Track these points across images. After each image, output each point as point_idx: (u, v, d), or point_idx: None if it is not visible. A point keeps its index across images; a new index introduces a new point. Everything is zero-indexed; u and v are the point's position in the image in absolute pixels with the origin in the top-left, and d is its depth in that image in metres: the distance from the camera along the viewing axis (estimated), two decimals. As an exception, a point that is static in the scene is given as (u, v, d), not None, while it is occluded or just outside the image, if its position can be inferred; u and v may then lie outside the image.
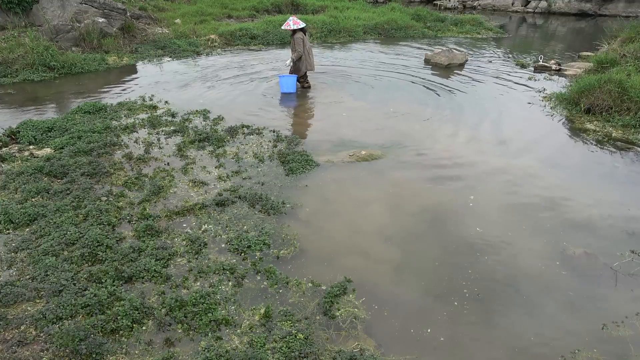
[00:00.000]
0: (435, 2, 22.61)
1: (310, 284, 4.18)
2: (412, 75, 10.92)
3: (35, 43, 10.72)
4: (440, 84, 10.37)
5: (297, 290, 4.12)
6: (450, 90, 9.88)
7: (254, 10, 17.60)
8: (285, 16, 16.20)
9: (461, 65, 11.75)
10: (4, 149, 6.55)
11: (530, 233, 5.02)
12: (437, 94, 9.62)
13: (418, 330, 3.74)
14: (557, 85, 10.31)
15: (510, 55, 13.23)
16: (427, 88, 10.03)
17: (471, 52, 13.26)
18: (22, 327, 3.64)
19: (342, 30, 15.28)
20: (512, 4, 22.00)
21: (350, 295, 4.06)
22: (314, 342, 3.56)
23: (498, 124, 7.97)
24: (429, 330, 3.73)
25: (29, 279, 4.14)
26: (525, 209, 5.45)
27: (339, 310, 3.89)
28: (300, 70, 9.32)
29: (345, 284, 4.15)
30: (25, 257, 4.43)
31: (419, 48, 13.86)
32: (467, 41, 15.06)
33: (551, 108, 8.78)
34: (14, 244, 4.60)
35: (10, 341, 3.51)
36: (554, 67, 11.38)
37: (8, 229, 4.83)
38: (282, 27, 9.22)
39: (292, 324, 3.73)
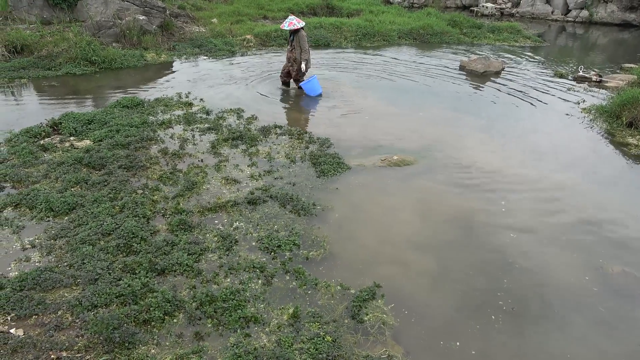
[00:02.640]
0: (472, 8, 22.30)
1: (339, 287, 4.18)
2: (446, 82, 10.80)
3: (79, 38, 11.06)
4: (475, 91, 10.22)
5: (326, 292, 4.12)
6: (484, 98, 9.73)
7: (289, 12, 17.73)
8: (320, 19, 16.26)
9: (497, 73, 11.55)
10: (46, 139, 6.78)
11: (565, 246, 4.89)
12: (471, 102, 9.48)
13: (448, 342, 3.68)
14: (597, 97, 10.02)
15: (549, 65, 12.94)
16: (461, 95, 9.90)
17: (508, 60, 13.03)
18: (59, 312, 3.76)
19: (376, 34, 15.23)
20: (552, 12, 21.50)
21: (379, 301, 4.03)
22: (341, 346, 3.56)
23: (533, 135, 7.79)
24: (458, 343, 3.68)
25: (67, 266, 4.27)
26: (559, 222, 5.32)
27: (367, 315, 3.87)
28: (307, 68, 9.26)
29: (375, 289, 4.13)
30: (63, 244, 4.57)
31: (454, 54, 13.70)
32: (504, 49, 14.80)
33: (590, 120, 8.54)
34: (53, 232, 4.76)
35: (47, 325, 3.62)
36: (594, 78, 11.07)
37: (48, 217, 5.00)
38: (286, 27, 8.82)
39: (320, 326, 3.73)
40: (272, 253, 4.59)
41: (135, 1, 13.14)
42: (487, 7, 21.78)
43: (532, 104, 9.42)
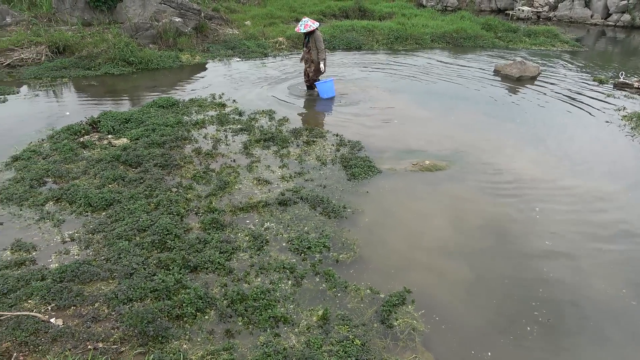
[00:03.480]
0: (507, 11, 21.89)
1: (368, 291, 4.17)
2: (480, 86, 10.63)
3: (117, 39, 11.40)
4: (509, 96, 10.02)
5: (356, 295, 4.12)
6: (519, 103, 9.53)
7: (322, 15, 17.78)
8: (352, 21, 16.25)
9: (533, 78, 11.29)
10: (86, 137, 7.01)
11: (603, 258, 4.75)
12: (506, 107, 9.31)
13: (480, 352, 3.63)
14: (639, 104, 9.67)
15: (587, 70, 12.57)
16: (495, 100, 9.72)
17: (544, 65, 12.73)
18: (96, 305, 3.88)
19: (409, 38, 15.12)
20: (591, 16, 20.90)
21: (409, 306, 4.00)
22: (370, 350, 3.55)
23: (570, 142, 7.58)
24: (489, 354, 3.61)
25: (104, 260, 4.40)
26: (597, 232, 5.16)
27: (397, 320, 3.85)
28: (323, 69, 9.24)
29: (405, 294, 4.10)
30: (101, 239, 4.72)
31: (488, 58, 13.47)
32: (540, 53, 14.46)
33: (632, 129, 8.25)
34: (91, 226, 4.91)
35: (85, 316, 3.75)
36: (636, 84, 10.69)
37: (87, 212, 5.17)
38: (303, 30, 8.83)
39: (349, 329, 3.73)
40: (302, 254, 4.61)
41: (172, 3, 13.45)
42: (523, 11, 21.35)
43: (569, 110, 9.18)
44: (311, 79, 9.40)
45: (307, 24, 8.84)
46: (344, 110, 8.71)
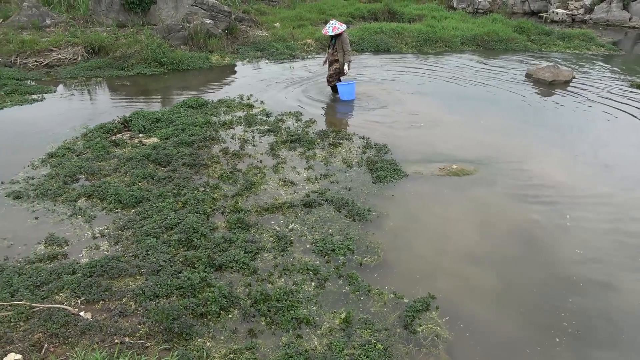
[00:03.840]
0: (541, 14, 21.40)
1: (392, 295, 4.14)
2: (511, 90, 10.42)
3: (150, 40, 11.66)
4: (541, 100, 9.79)
5: (379, 299, 4.09)
6: (551, 108, 9.29)
7: (351, 17, 17.76)
8: (381, 24, 16.19)
9: (567, 83, 11.00)
10: (117, 135, 7.19)
11: (635, 268, 4.58)
12: (537, 111, 9.09)
13: None
14: (678, 110, 9.29)
15: (624, 75, 12.16)
16: (526, 104, 9.51)
17: (579, 69, 12.38)
18: (124, 300, 3.97)
19: (438, 40, 14.95)
20: (630, 19, 20.22)
21: (433, 313, 3.95)
22: (392, 355, 3.52)
23: (604, 149, 7.35)
24: (516, 361, 3.53)
25: (132, 256, 4.50)
26: (630, 241, 4.99)
27: (420, 326, 3.81)
28: (346, 71, 9.19)
29: (429, 300, 4.05)
30: (130, 235, 4.83)
31: (520, 62, 13.20)
32: (574, 57, 14.08)
33: (670, 136, 7.94)
34: (121, 223, 5.04)
35: (113, 311, 3.84)
36: (676, 90, 10.27)
37: (117, 209, 5.30)
38: (331, 32, 8.76)
39: (371, 333, 3.71)
40: (326, 256, 4.61)
41: (203, 6, 13.68)
42: (557, 13, 20.83)
43: (604, 116, 8.90)
44: (334, 80, 9.36)
45: (335, 27, 8.82)
46: (372, 113, 8.67)
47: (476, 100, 9.64)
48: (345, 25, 8.98)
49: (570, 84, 10.98)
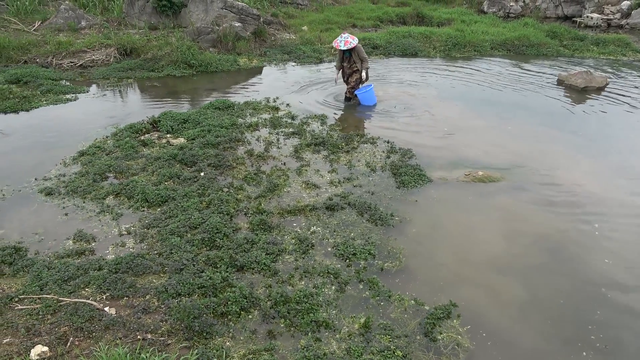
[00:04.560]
0: (574, 19, 20.88)
1: (412, 302, 4.09)
2: (541, 96, 10.18)
3: (180, 42, 11.90)
4: (573, 107, 9.54)
5: (399, 305, 4.05)
6: (583, 115, 9.05)
7: (379, 21, 17.70)
8: (409, 28, 16.08)
9: (600, 90, 10.68)
10: (146, 135, 7.36)
11: (671, 286, 4.40)
12: (568, 118, 8.86)
13: (527, 372, 3.46)
14: None
15: (662, 82, 11.74)
16: (557, 110, 9.28)
17: (613, 76, 12.02)
18: (147, 297, 4.05)
19: (467, 45, 14.75)
20: (669, 24, 19.51)
21: (455, 321, 3.89)
22: (412, 362, 3.47)
23: (636, 158, 7.10)
24: (539, 374, 3.44)
25: (157, 254, 4.59)
26: (667, 257, 4.80)
27: (441, 334, 3.75)
28: (365, 78, 9.10)
29: (450, 308, 3.99)
30: (155, 234, 4.92)
31: (551, 67, 12.90)
32: (608, 63, 13.68)
33: None
34: (147, 221, 5.14)
35: (136, 307, 3.92)
36: None
37: (143, 207, 5.41)
38: (343, 47, 8.59)
39: (391, 339, 3.67)
40: (347, 260, 4.60)
41: (233, 9, 13.87)
42: (592, 18, 20.29)
43: (638, 125, 8.60)
44: (353, 88, 9.23)
45: (347, 41, 8.62)
46: (397, 117, 8.62)
47: (504, 105, 9.47)
48: (356, 39, 8.76)
49: (604, 90, 10.67)
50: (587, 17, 20.62)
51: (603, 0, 21.13)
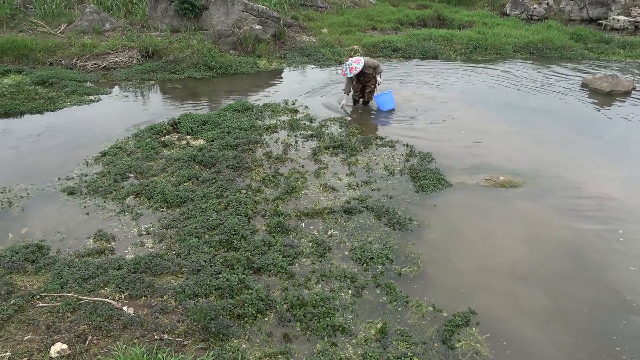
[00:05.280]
0: (600, 21, 20.44)
1: (430, 308, 4.03)
2: (565, 100, 9.98)
3: (201, 45, 12.02)
4: (597, 111, 9.32)
5: (417, 312, 3.99)
6: (608, 120, 8.83)
7: (399, 23, 17.61)
8: (429, 30, 15.94)
9: (626, 94, 10.42)
10: (166, 137, 7.43)
11: (701, 297, 4.24)
12: (592, 123, 8.66)
13: (548, 383, 3.37)
14: None
15: (691, 86, 11.38)
16: (581, 115, 9.08)
17: (640, 80, 11.71)
18: (165, 297, 4.07)
19: (489, 47, 14.56)
20: (699, 27, 18.93)
21: (474, 329, 3.82)
22: (429, 370, 3.42)
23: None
24: (561, 386, 3.35)
25: (175, 254, 4.62)
26: (697, 268, 4.63)
27: (459, 341, 3.69)
28: (380, 81, 9.01)
29: (469, 315, 3.92)
30: (173, 234, 4.96)
31: (576, 71, 12.64)
32: (636, 67, 13.34)
33: None
34: (166, 221, 5.18)
35: (154, 307, 3.95)
36: None
37: (163, 208, 5.46)
38: (349, 75, 8.46)
39: (408, 346, 3.62)
40: (364, 265, 4.56)
41: (253, 12, 13.96)
42: (618, 20, 19.82)
43: (667, 129, 8.36)
44: (372, 93, 9.17)
45: (352, 67, 8.40)
46: (417, 121, 8.54)
47: (527, 109, 9.30)
48: (361, 59, 8.52)
49: (630, 95, 10.40)
50: (614, 19, 20.16)
51: (630, 2, 20.63)
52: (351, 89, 8.99)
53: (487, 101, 9.81)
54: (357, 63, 8.42)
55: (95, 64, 11.60)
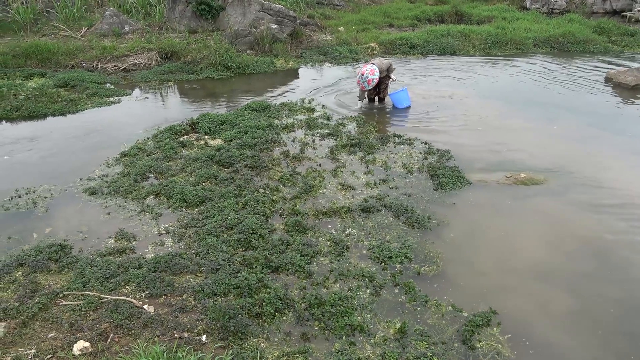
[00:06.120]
0: (624, 13, 19.91)
1: (450, 308, 3.98)
2: (587, 94, 9.76)
3: (218, 45, 12.11)
4: (622, 106, 9.08)
5: (436, 311, 3.95)
6: (633, 115, 8.60)
7: (416, 20, 17.45)
8: (447, 26, 15.74)
9: (652, 87, 10.13)
10: (185, 137, 7.51)
11: None
12: (616, 118, 8.44)
13: (572, 385, 3.30)
14: None
15: None
16: (605, 110, 8.86)
17: (667, 73, 11.35)
18: (184, 296, 4.11)
19: (508, 42, 14.33)
20: None
21: (494, 329, 3.75)
22: (449, 370, 3.37)
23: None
24: (586, 388, 3.27)
25: (194, 254, 4.66)
26: None
27: (480, 342, 3.63)
28: (394, 78, 8.99)
29: (490, 315, 3.86)
30: (192, 234, 5.00)
31: (599, 65, 12.35)
32: (662, 59, 12.96)
33: None
34: (185, 221, 5.23)
35: (174, 306, 3.98)
36: None
37: (182, 207, 5.52)
38: (368, 88, 8.41)
39: (427, 346, 3.58)
40: (383, 263, 4.53)
41: (270, 11, 13.99)
42: (643, 12, 19.28)
43: (696, 123, 8.10)
44: (386, 90, 9.14)
45: (369, 80, 8.29)
46: (435, 118, 8.44)
47: (549, 105, 9.12)
48: (376, 69, 8.36)
49: (657, 88, 10.10)
50: (639, 11, 19.61)
51: (656, -7, 20.03)
52: (365, 97, 8.99)
53: (507, 97, 9.65)
54: (372, 74, 8.34)
55: (115, 66, 11.78)
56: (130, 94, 9.99)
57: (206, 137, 7.54)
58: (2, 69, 10.97)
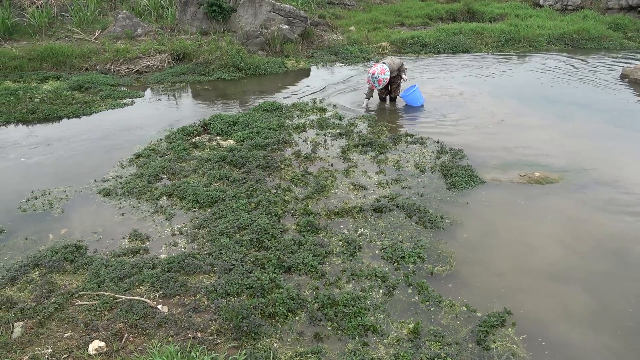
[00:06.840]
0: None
1: (464, 308, 3.95)
2: (603, 92, 9.61)
3: (230, 46, 12.16)
4: (637, 103, 8.93)
5: (450, 311, 3.92)
6: (652, 112, 8.45)
7: (427, 18, 17.35)
8: (459, 24, 15.63)
9: (670, 84, 9.95)
10: (197, 138, 7.55)
11: None
12: (633, 115, 8.30)
13: (590, 386, 3.25)
14: None
15: None
16: (621, 107, 8.72)
17: (685, 68, 11.14)
18: (198, 296, 4.13)
19: (521, 40, 14.18)
20: None
21: (509, 329, 3.71)
22: (464, 371, 3.34)
23: None
24: (603, 390, 3.22)
25: (207, 254, 4.68)
26: None
27: (494, 342, 3.59)
28: (406, 78, 8.95)
29: (505, 316, 3.82)
30: (205, 234, 5.03)
31: (614, 61, 12.16)
32: (679, 55, 12.73)
33: None
34: (197, 221, 5.26)
35: (187, 306, 4.01)
36: None
37: (194, 208, 5.55)
38: (378, 87, 8.43)
39: (441, 347, 3.55)
40: (395, 264, 4.51)
41: (281, 12, 14.02)
42: (660, 7, 18.93)
43: None
44: (398, 89, 9.10)
45: (380, 80, 8.28)
46: (447, 116, 8.39)
47: (563, 102, 9.00)
48: (387, 68, 8.34)
49: (675, 84, 9.92)
50: (655, 6, 19.25)
51: (673, -12, 19.67)
52: (372, 95, 8.97)
53: (521, 95, 9.55)
54: (382, 74, 8.32)
55: (128, 68, 11.90)
56: (143, 96, 10.08)
57: (218, 138, 7.58)
58: (18, 72, 11.15)
